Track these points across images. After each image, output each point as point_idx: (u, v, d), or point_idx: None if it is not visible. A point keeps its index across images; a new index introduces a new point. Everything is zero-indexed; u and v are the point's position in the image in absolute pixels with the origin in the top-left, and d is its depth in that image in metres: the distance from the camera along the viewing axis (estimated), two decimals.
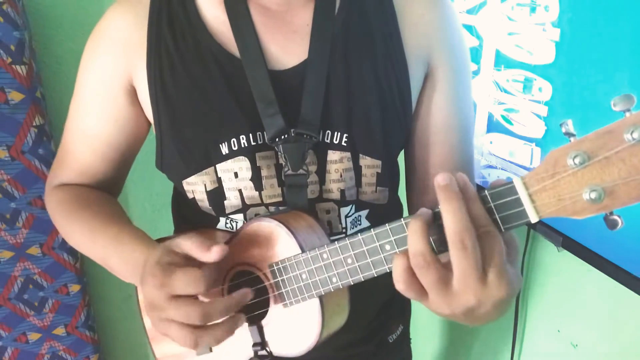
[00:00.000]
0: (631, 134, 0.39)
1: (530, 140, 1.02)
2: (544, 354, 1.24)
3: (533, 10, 0.95)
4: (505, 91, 1.06)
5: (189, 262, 0.58)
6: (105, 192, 0.81)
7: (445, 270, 0.47)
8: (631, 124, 0.39)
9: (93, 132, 0.76)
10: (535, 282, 1.21)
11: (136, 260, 0.64)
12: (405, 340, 0.93)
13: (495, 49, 1.07)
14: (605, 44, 0.82)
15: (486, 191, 0.47)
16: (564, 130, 0.43)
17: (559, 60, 0.92)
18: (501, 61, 1.05)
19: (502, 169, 1.12)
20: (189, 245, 0.58)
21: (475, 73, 1.13)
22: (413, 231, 0.48)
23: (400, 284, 0.49)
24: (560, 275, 1.14)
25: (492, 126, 1.12)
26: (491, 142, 1.13)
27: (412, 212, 0.82)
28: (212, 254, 0.57)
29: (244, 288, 0.60)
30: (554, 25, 0.91)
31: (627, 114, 0.40)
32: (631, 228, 0.85)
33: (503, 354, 1.35)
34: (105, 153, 0.77)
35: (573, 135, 0.43)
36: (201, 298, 0.58)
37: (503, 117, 1.08)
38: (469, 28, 1.13)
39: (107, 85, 0.72)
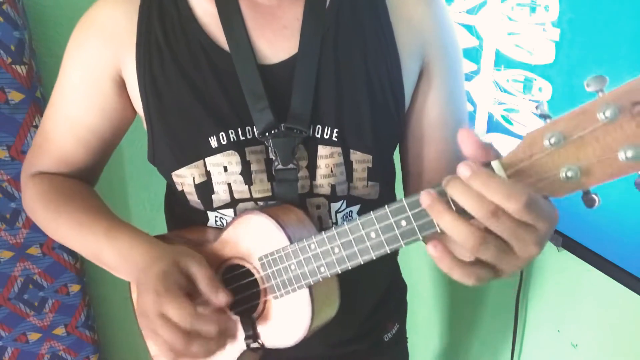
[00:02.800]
0: (604, 113, 0.40)
1: None
2: (544, 354, 1.23)
3: (533, 10, 0.95)
4: (505, 91, 1.06)
5: (193, 286, 0.60)
6: (84, 182, 0.80)
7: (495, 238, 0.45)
8: (604, 103, 0.40)
9: (77, 120, 0.75)
10: (535, 282, 1.21)
11: (135, 258, 0.65)
12: (401, 339, 0.93)
13: (495, 49, 1.07)
14: (605, 44, 0.82)
15: None
16: (539, 112, 0.44)
17: (559, 60, 0.92)
18: (501, 61, 1.05)
19: None
20: (197, 271, 0.61)
21: (475, 73, 1.13)
22: (451, 222, 0.45)
23: (467, 279, 0.47)
24: (560, 275, 1.14)
25: (492, 126, 1.12)
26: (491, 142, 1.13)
27: None
28: (218, 299, 0.60)
29: (232, 322, 0.62)
30: (554, 25, 0.91)
31: (600, 94, 0.41)
32: (631, 228, 0.85)
33: (503, 354, 1.35)
34: (88, 141, 0.76)
35: (548, 116, 0.44)
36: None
37: (503, 117, 1.08)
38: (469, 28, 1.13)
39: (95, 74, 0.72)
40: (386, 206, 0.52)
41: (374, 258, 0.55)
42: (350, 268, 0.58)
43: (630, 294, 0.85)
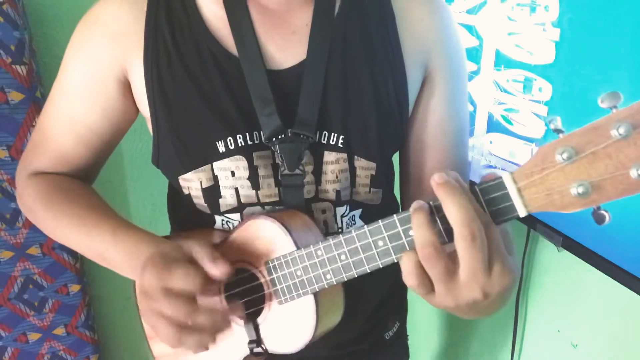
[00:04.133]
0: (617, 129, 0.40)
1: (530, 140, 1.02)
2: (544, 354, 1.24)
3: (533, 10, 0.95)
4: (505, 91, 1.06)
5: (194, 264, 0.59)
6: (83, 180, 0.80)
7: (452, 261, 0.48)
8: (617, 119, 0.40)
9: (78, 119, 0.74)
10: (535, 282, 1.21)
11: (140, 254, 0.64)
12: (401, 337, 0.93)
13: (495, 49, 1.07)
14: (605, 44, 0.82)
15: (476, 187, 0.48)
16: (552, 127, 0.44)
17: (559, 60, 0.92)
18: (501, 61, 1.05)
19: (502, 169, 1.12)
20: (197, 250, 0.60)
21: (475, 73, 1.13)
22: (418, 224, 0.48)
23: (411, 278, 0.50)
24: (560, 275, 1.14)
25: (492, 126, 1.12)
26: (491, 142, 1.13)
27: None
28: (216, 269, 0.59)
29: (238, 304, 0.62)
30: (554, 25, 0.91)
31: (614, 110, 0.41)
32: (631, 228, 0.85)
33: (503, 354, 1.35)
34: (89, 140, 0.75)
35: (561, 131, 0.44)
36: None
37: (503, 117, 1.08)
38: (469, 28, 1.13)
39: (99, 73, 0.71)
40: (394, 215, 0.52)
41: (381, 266, 0.55)
42: (356, 276, 0.57)
43: (630, 294, 0.85)
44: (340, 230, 0.73)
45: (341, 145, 0.70)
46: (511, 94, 1.05)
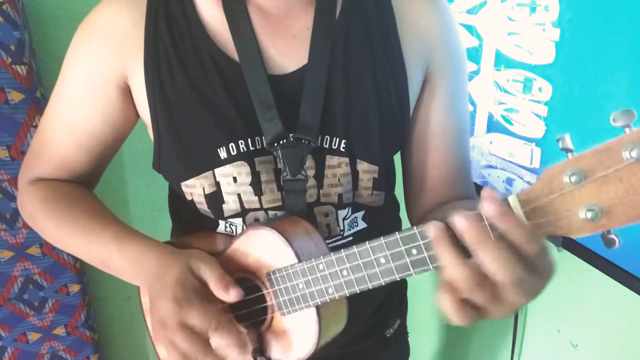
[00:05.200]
0: (630, 152, 0.37)
1: (530, 140, 1.02)
2: (544, 354, 1.24)
3: (533, 10, 0.95)
4: (505, 91, 1.06)
5: (206, 289, 0.61)
6: (84, 187, 0.79)
7: (489, 282, 0.45)
8: (630, 141, 0.38)
9: (78, 125, 0.73)
10: None
11: (147, 264, 0.64)
12: (402, 333, 0.94)
13: (495, 49, 1.07)
14: (605, 44, 0.82)
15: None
16: (560, 145, 0.42)
17: (559, 60, 0.92)
18: (501, 61, 1.05)
19: (502, 169, 1.12)
20: (209, 275, 0.61)
21: (475, 73, 1.13)
22: (450, 262, 0.45)
23: (458, 318, 0.47)
24: (560, 275, 1.14)
25: (492, 126, 1.12)
26: (491, 142, 1.13)
27: (410, 213, 0.83)
28: (229, 296, 0.60)
29: (247, 341, 0.62)
30: (554, 25, 0.91)
31: (627, 130, 0.38)
32: (631, 228, 0.85)
33: (503, 354, 1.35)
34: (90, 146, 0.75)
35: (570, 150, 0.41)
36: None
37: (503, 117, 1.08)
38: (469, 28, 1.13)
39: (99, 79, 0.70)
40: (397, 233, 0.51)
41: (383, 284, 0.54)
42: (358, 292, 0.57)
43: (630, 294, 0.85)
44: (342, 232, 0.73)
45: (343, 150, 0.69)
46: (511, 94, 1.05)
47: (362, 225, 0.75)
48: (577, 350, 1.13)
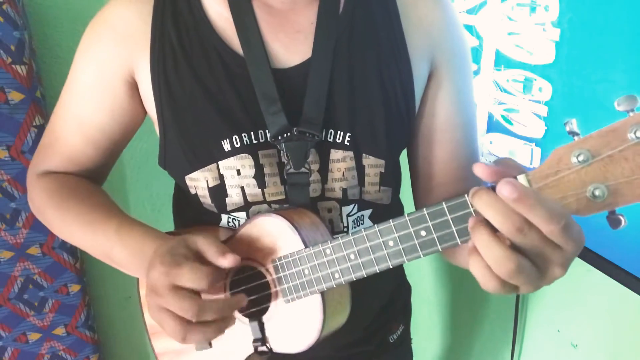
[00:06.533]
0: (635, 132, 0.39)
1: (530, 140, 1.02)
2: (544, 354, 1.23)
3: (533, 10, 0.95)
4: (505, 91, 1.06)
5: (200, 259, 0.60)
6: (92, 181, 0.80)
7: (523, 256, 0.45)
8: (635, 122, 0.40)
9: (87, 120, 0.75)
10: None
11: (145, 253, 0.64)
12: (406, 340, 0.93)
13: (495, 49, 1.07)
14: (605, 44, 0.82)
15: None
16: (567, 128, 0.44)
17: (559, 60, 0.92)
18: (501, 61, 1.05)
19: None
20: (204, 244, 0.60)
21: (475, 73, 1.13)
22: (486, 245, 0.45)
23: (497, 288, 0.47)
24: None
25: (492, 126, 1.12)
26: (491, 142, 1.13)
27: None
28: (225, 261, 0.59)
29: (241, 294, 0.61)
30: (554, 25, 0.91)
31: (631, 114, 0.40)
32: (631, 228, 0.85)
33: (503, 354, 1.35)
34: (98, 141, 0.76)
35: (577, 134, 0.43)
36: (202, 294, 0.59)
37: (503, 117, 1.08)
38: (469, 28, 1.13)
39: (107, 75, 0.72)
40: (406, 214, 0.51)
41: (391, 267, 0.54)
42: (365, 276, 0.57)
43: (630, 294, 0.85)
44: (345, 229, 0.73)
45: (347, 143, 0.70)
46: (511, 94, 1.05)
47: (368, 223, 0.75)
48: (577, 350, 1.13)
